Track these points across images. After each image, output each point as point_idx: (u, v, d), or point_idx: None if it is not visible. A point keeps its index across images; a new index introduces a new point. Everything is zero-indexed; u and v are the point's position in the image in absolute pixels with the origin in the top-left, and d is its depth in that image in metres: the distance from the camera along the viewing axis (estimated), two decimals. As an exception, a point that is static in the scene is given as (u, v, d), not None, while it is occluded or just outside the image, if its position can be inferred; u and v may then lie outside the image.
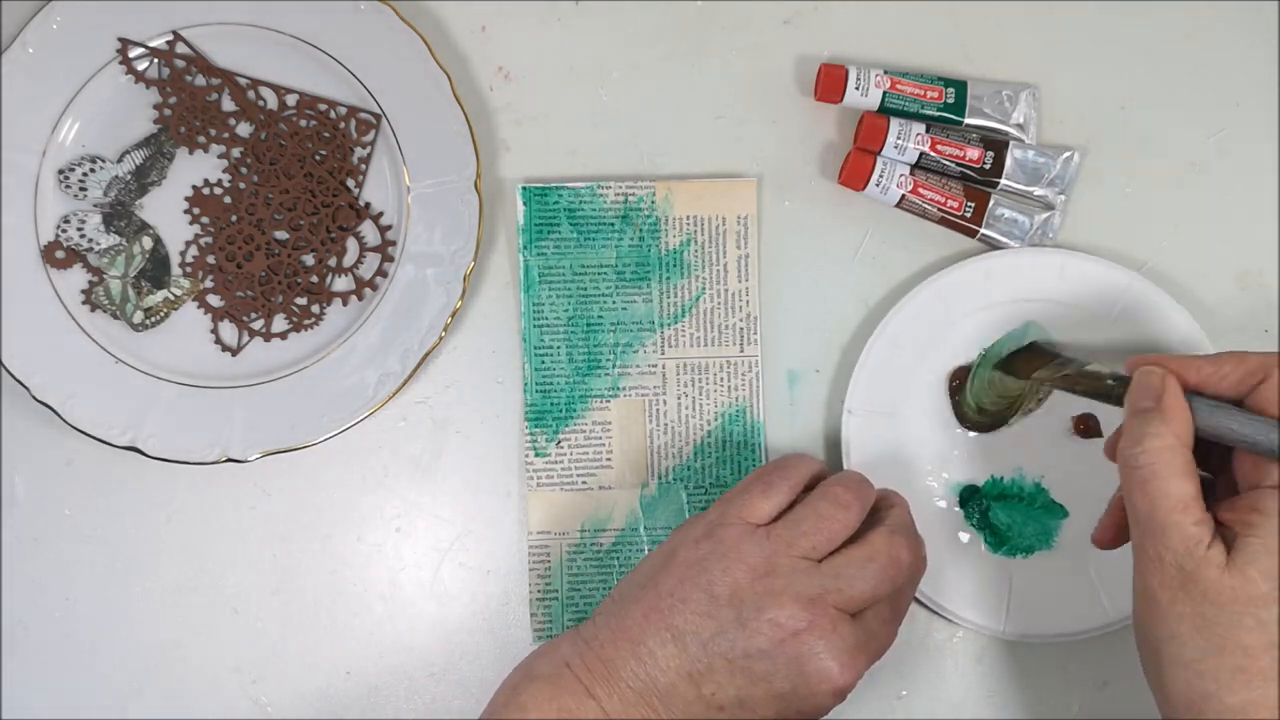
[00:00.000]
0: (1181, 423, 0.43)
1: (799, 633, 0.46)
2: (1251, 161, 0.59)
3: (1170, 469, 0.42)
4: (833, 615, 0.47)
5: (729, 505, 0.50)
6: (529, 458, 0.57)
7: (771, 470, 0.51)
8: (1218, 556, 0.41)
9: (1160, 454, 0.43)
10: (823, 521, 0.48)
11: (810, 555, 0.48)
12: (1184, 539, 0.41)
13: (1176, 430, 0.43)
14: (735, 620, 0.46)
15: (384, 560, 0.58)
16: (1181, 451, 0.43)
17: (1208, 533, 0.41)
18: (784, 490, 0.50)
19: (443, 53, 0.57)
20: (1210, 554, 0.41)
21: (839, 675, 0.46)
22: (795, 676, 0.46)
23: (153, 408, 0.55)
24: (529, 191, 0.57)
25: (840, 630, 0.46)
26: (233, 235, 0.57)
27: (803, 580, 0.47)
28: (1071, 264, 0.56)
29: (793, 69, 0.59)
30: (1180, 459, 0.43)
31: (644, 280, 0.58)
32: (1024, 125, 0.57)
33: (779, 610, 0.46)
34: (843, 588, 0.47)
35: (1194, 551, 0.41)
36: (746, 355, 0.58)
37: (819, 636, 0.46)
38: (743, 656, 0.46)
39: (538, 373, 0.57)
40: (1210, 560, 0.41)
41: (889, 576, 0.48)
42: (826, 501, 0.49)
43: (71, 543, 0.57)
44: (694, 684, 0.46)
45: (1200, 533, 0.41)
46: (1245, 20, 0.59)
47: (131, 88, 0.56)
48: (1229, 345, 0.59)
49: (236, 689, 0.57)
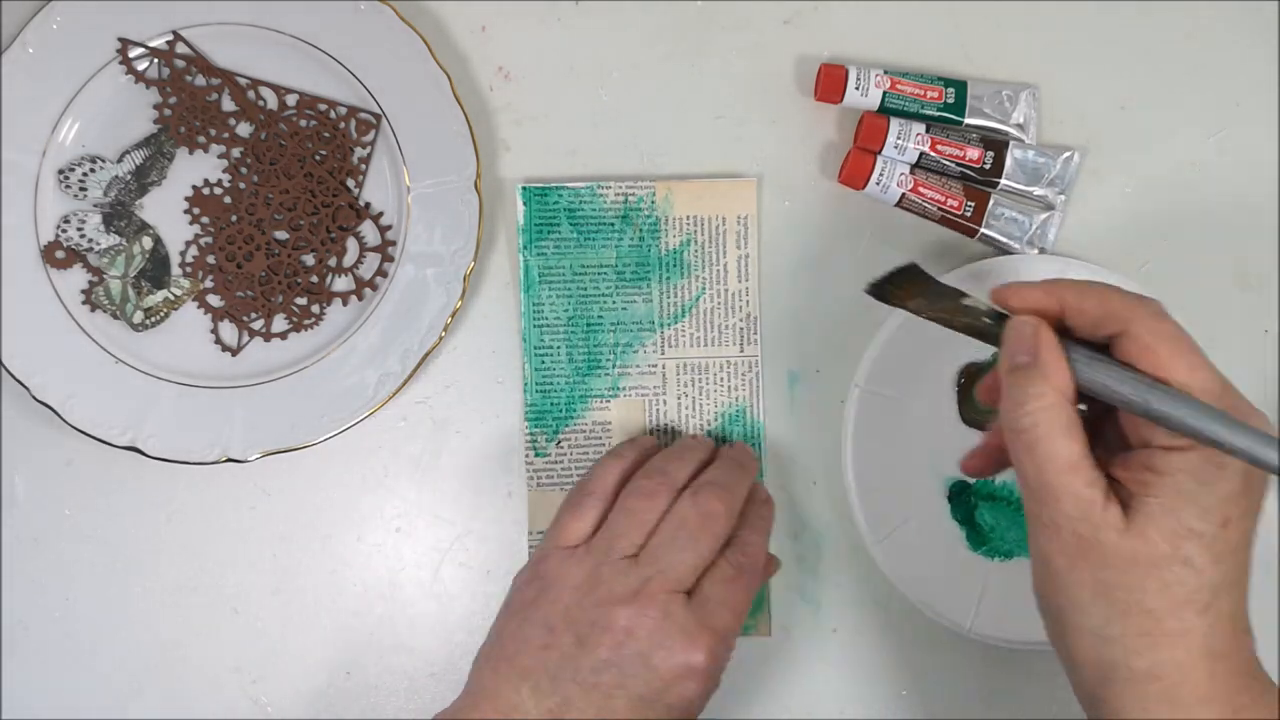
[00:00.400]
0: (1060, 376, 0.40)
1: (633, 630, 0.46)
2: (1251, 161, 0.59)
3: (1054, 429, 0.40)
4: (662, 601, 0.46)
5: (546, 538, 0.51)
6: (529, 457, 0.57)
7: (575, 490, 0.52)
8: (1114, 519, 0.39)
9: (1043, 414, 0.40)
10: (633, 517, 0.49)
11: (630, 553, 0.48)
12: (1077, 502, 0.39)
13: (1056, 385, 0.40)
14: (575, 642, 0.46)
15: (384, 560, 0.58)
16: (1064, 409, 0.40)
17: (1100, 494, 0.39)
18: (592, 505, 0.50)
19: (443, 53, 0.57)
20: (1106, 516, 0.39)
21: (687, 656, 0.46)
22: (647, 674, 0.46)
23: (153, 408, 0.55)
24: (529, 191, 0.57)
25: (674, 612, 0.46)
26: (233, 235, 0.57)
27: (624, 579, 0.47)
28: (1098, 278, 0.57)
29: (793, 69, 0.59)
30: (1064, 416, 0.40)
31: (644, 280, 0.58)
32: (1024, 125, 0.57)
33: (610, 616, 0.46)
34: (663, 569, 0.47)
35: (1089, 515, 0.39)
36: (746, 355, 0.58)
37: (654, 627, 0.46)
38: (591, 674, 0.46)
39: (538, 373, 0.57)
40: (1107, 523, 0.39)
41: (708, 533, 0.48)
42: (633, 496, 0.50)
43: (71, 543, 0.57)
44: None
45: (1093, 494, 0.39)
46: (1245, 20, 0.59)
47: (131, 88, 0.56)
48: (1229, 345, 0.59)
49: (236, 689, 0.57)
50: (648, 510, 0.49)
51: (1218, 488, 0.39)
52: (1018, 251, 0.57)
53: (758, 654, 0.58)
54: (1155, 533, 0.39)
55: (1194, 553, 0.38)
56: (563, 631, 0.47)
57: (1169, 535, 0.38)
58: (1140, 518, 0.39)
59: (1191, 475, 0.39)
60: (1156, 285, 0.58)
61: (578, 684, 0.46)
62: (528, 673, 0.46)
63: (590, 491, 0.51)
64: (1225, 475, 0.39)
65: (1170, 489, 0.39)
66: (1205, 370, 0.40)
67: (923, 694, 0.58)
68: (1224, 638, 0.39)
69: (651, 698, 0.46)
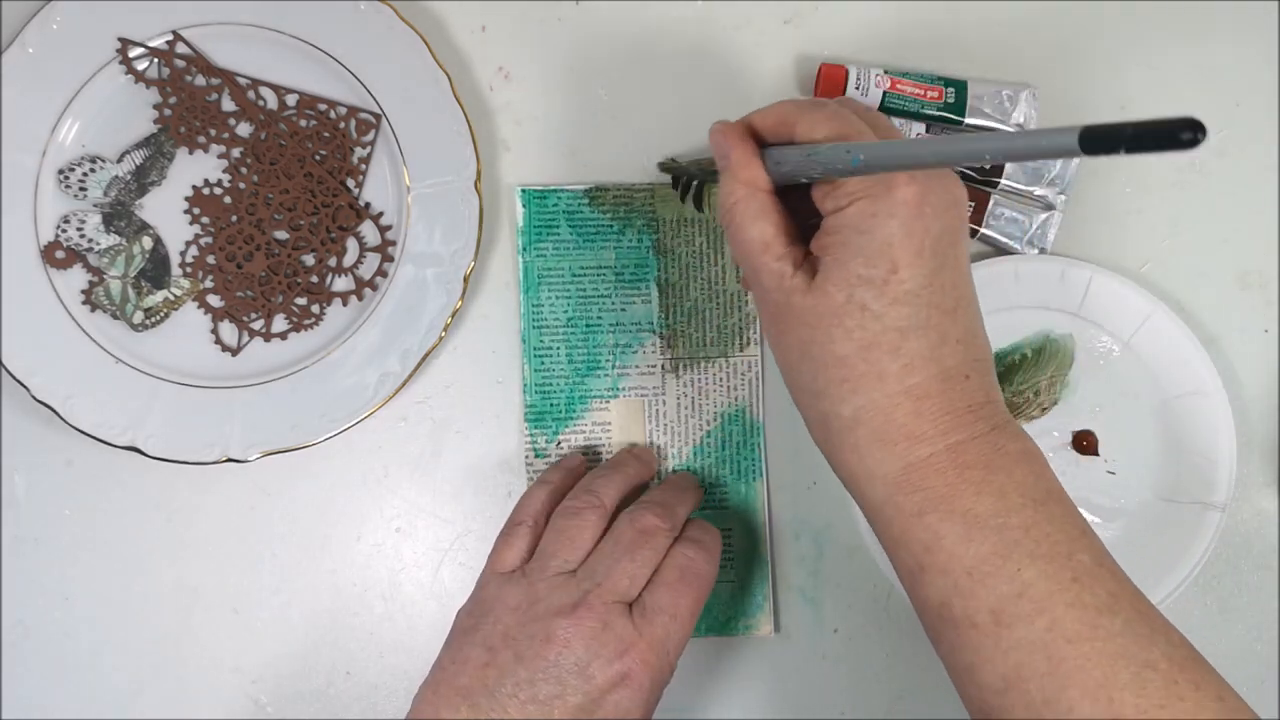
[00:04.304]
0: (749, 169, 0.44)
1: (569, 642, 0.46)
2: (1251, 161, 0.59)
3: (747, 216, 0.43)
4: (599, 611, 0.47)
5: (483, 571, 0.51)
6: (529, 458, 0.57)
7: (506, 521, 0.52)
8: (800, 283, 0.42)
9: (737, 205, 0.44)
10: (563, 535, 0.50)
11: (566, 570, 0.49)
12: (770, 274, 0.43)
13: (746, 179, 0.44)
14: (513, 659, 0.47)
15: (384, 560, 0.58)
16: (756, 197, 0.44)
17: (789, 265, 0.43)
18: (522, 533, 0.51)
19: (443, 53, 0.57)
20: (795, 282, 0.42)
21: (622, 665, 0.46)
22: (584, 685, 0.46)
23: (153, 408, 0.55)
24: (528, 194, 0.57)
25: (612, 622, 0.47)
26: (233, 235, 0.57)
27: (560, 594, 0.48)
28: (1099, 279, 0.57)
29: (793, 69, 0.59)
30: (755, 204, 0.43)
31: (643, 281, 0.58)
32: (1024, 125, 0.57)
33: (548, 629, 0.47)
34: (600, 580, 0.48)
35: (781, 284, 0.43)
36: (746, 355, 0.58)
37: (591, 636, 0.46)
38: (528, 687, 0.46)
39: (537, 374, 0.57)
40: (795, 288, 0.42)
41: (646, 547, 0.49)
42: (561, 517, 0.51)
43: (71, 543, 0.57)
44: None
45: (781, 266, 0.43)
46: (1245, 20, 0.59)
47: (131, 88, 0.56)
48: (1229, 345, 0.59)
49: (236, 689, 0.57)
50: (577, 528, 0.50)
51: (876, 235, 0.40)
52: (1018, 251, 0.57)
53: (758, 654, 0.58)
54: (831, 286, 0.41)
55: (868, 298, 0.41)
56: (502, 649, 0.47)
57: (841, 285, 0.41)
58: (820, 276, 0.42)
59: (852, 228, 0.41)
60: (1156, 285, 0.58)
61: (516, 699, 0.46)
62: (467, 692, 0.47)
63: (519, 520, 0.52)
64: (880, 220, 0.41)
65: (838, 245, 0.41)
66: (827, 123, 0.42)
67: (922, 694, 0.58)
68: (929, 380, 0.41)
69: (590, 707, 0.46)
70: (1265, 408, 0.59)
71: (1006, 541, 0.40)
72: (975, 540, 0.40)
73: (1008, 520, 0.40)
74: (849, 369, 0.41)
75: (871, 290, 0.41)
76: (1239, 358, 0.59)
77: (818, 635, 0.58)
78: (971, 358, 0.42)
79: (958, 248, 0.42)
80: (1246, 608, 0.59)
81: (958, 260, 0.42)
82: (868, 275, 0.41)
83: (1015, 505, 0.41)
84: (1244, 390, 0.59)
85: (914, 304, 0.41)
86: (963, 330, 0.42)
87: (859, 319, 0.41)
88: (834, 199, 0.42)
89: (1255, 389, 0.59)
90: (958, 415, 0.41)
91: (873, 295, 0.41)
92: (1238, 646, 0.59)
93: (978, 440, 0.41)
